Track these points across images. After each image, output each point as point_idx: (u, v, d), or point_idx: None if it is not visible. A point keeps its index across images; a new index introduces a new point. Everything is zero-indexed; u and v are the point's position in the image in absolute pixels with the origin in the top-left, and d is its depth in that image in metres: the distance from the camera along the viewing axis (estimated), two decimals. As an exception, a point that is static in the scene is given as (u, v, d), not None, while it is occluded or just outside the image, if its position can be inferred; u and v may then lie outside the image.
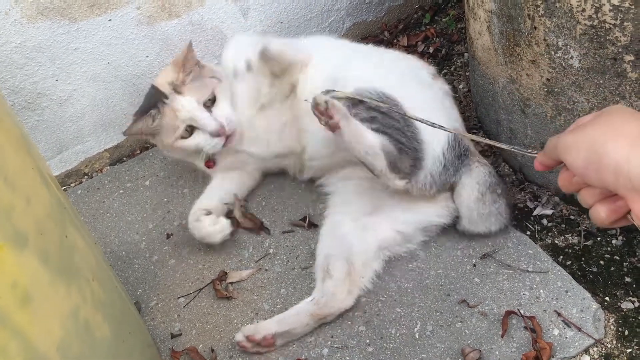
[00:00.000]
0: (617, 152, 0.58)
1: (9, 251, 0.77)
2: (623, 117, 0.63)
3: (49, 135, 1.82)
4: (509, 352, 1.25)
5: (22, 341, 0.80)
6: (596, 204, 0.66)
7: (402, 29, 2.21)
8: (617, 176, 0.58)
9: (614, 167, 0.58)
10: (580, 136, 0.64)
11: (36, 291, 0.82)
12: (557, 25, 1.20)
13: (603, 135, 0.61)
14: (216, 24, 1.89)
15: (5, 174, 0.78)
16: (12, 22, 1.58)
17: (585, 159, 0.62)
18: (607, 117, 0.65)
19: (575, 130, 0.67)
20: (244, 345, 1.33)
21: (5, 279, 0.77)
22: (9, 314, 0.77)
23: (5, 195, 0.78)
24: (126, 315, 1.19)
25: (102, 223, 1.74)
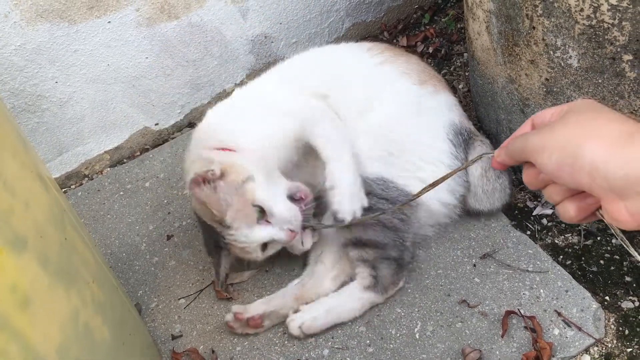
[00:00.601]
0: (594, 154, 0.57)
1: (8, 255, 0.77)
2: (595, 117, 0.62)
3: (49, 137, 1.82)
4: (509, 352, 1.25)
5: (22, 344, 0.80)
6: (565, 202, 0.65)
7: (402, 29, 2.21)
8: (593, 178, 0.57)
9: (590, 169, 0.57)
10: (550, 137, 0.63)
11: (36, 294, 0.82)
12: (555, 25, 1.20)
13: (577, 136, 0.60)
14: (216, 25, 1.89)
15: (4, 179, 0.79)
16: (11, 25, 1.59)
17: (558, 161, 0.61)
18: (577, 116, 0.64)
19: (544, 131, 0.65)
20: (231, 325, 1.37)
21: (4, 283, 0.77)
22: (8, 317, 0.77)
23: (5, 200, 0.78)
24: (126, 317, 1.19)
25: (102, 225, 1.75)
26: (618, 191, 0.55)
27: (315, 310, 1.34)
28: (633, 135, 0.56)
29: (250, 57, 2.02)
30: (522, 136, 0.69)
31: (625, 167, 0.54)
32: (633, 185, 0.54)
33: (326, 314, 1.34)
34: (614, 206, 0.57)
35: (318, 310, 1.34)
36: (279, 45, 2.05)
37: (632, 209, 0.55)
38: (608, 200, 0.57)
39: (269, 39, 2.01)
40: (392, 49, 1.66)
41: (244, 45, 1.98)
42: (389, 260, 1.35)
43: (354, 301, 1.36)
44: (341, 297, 1.36)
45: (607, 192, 0.57)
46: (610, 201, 0.57)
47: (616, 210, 0.56)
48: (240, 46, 1.98)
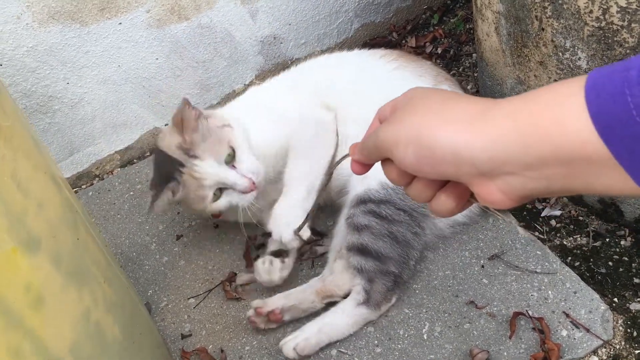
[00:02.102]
0: (452, 140, 0.52)
1: (22, 255, 0.79)
2: (444, 101, 0.57)
3: (61, 138, 1.84)
4: (517, 353, 1.26)
5: (36, 343, 0.81)
6: (439, 194, 0.60)
7: (411, 30, 2.21)
8: (459, 166, 0.53)
9: (453, 158, 0.53)
10: (401, 128, 0.57)
11: (49, 294, 0.84)
12: (564, 26, 1.20)
13: (430, 125, 0.55)
14: (225, 26, 1.90)
15: (18, 180, 0.80)
16: (23, 26, 1.60)
17: (415, 154, 0.55)
18: (424, 102, 0.58)
19: (393, 123, 0.59)
20: (253, 320, 1.37)
21: (19, 282, 0.78)
22: (22, 317, 0.79)
23: (19, 200, 0.79)
24: (136, 317, 1.20)
25: (112, 224, 1.76)
26: (487, 174, 0.52)
27: (309, 330, 1.32)
28: (490, 111, 0.52)
29: (259, 57, 2.03)
30: (374, 132, 0.62)
31: (488, 149, 0.50)
32: (500, 166, 0.50)
33: (318, 332, 1.32)
34: (486, 189, 0.53)
35: (311, 330, 1.32)
36: (288, 46, 2.05)
37: (504, 188, 0.52)
38: (478, 184, 0.53)
39: (278, 39, 2.02)
40: (405, 55, 1.67)
41: (253, 46, 1.99)
42: (387, 276, 1.33)
43: (347, 317, 1.33)
44: (335, 314, 1.34)
45: (476, 177, 0.53)
46: (480, 185, 0.53)
47: (489, 193, 0.53)
48: (249, 47, 1.99)
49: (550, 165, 0.48)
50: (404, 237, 1.35)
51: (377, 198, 1.35)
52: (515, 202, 0.54)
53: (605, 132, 0.44)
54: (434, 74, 1.56)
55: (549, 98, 0.48)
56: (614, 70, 0.45)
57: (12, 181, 0.79)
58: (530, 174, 0.50)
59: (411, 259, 1.36)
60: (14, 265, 0.78)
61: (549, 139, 0.47)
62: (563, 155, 0.47)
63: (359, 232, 1.34)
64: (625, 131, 0.43)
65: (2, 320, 0.76)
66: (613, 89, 0.44)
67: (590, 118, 0.45)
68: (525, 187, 0.51)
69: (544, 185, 0.50)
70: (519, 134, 0.49)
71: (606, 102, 0.44)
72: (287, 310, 1.38)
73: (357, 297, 1.33)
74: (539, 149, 0.48)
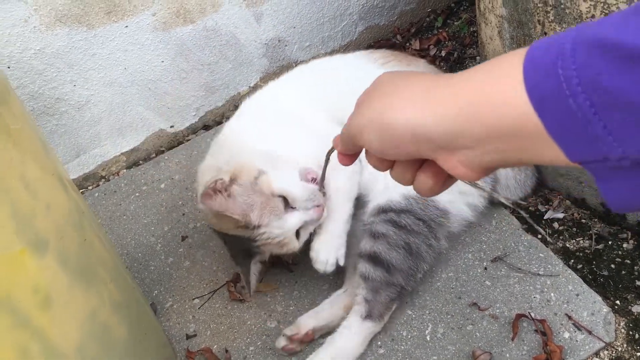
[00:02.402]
0: (407, 119, 0.53)
1: (30, 256, 0.80)
2: (397, 84, 0.58)
3: (67, 140, 1.86)
4: (520, 355, 1.26)
5: (43, 342, 0.83)
6: (419, 175, 0.61)
7: (414, 33, 2.22)
8: (418, 143, 0.54)
9: (411, 136, 0.54)
10: (363, 116, 0.59)
11: (56, 294, 0.85)
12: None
13: (383, 107, 0.56)
14: (230, 29, 1.91)
15: (26, 181, 0.81)
16: (31, 29, 1.62)
17: (378, 139, 0.57)
18: (381, 88, 0.60)
19: (357, 112, 0.61)
20: (290, 348, 1.35)
21: (27, 283, 0.80)
22: (30, 317, 0.80)
23: (27, 202, 0.81)
24: (142, 317, 1.22)
25: (118, 225, 1.78)
26: (445, 147, 0.52)
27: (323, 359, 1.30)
28: (436, 87, 0.53)
29: (264, 60, 2.04)
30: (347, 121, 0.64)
31: (441, 123, 0.51)
32: (455, 140, 0.51)
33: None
34: (449, 163, 0.54)
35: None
36: (292, 48, 2.07)
37: (465, 161, 0.53)
38: (442, 160, 0.54)
39: (283, 42, 2.03)
40: (397, 54, 1.65)
41: (258, 49, 2.01)
42: (392, 287, 1.31)
43: (356, 335, 1.31)
44: (343, 336, 1.31)
45: (437, 152, 0.54)
46: (444, 160, 0.54)
47: (452, 167, 0.54)
48: (254, 50, 2.00)
49: (497, 139, 0.49)
50: (418, 250, 1.34)
51: (399, 208, 1.35)
52: (480, 173, 0.54)
53: (538, 105, 0.45)
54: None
55: (494, 71, 0.49)
56: (550, 43, 0.45)
57: (20, 183, 0.80)
58: (483, 147, 0.50)
59: (419, 272, 1.35)
60: (23, 266, 0.79)
61: (493, 112, 0.48)
62: (506, 129, 0.47)
63: (374, 240, 1.34)
64: (557, 105, 0.43)
65: (10, 320, 0.77)
66: (547, 62, 0.44)
67: (526, 92, 0.45)
68: (482, 160, 0.52)
69: (500, 157, 0.51)
70: (466, 107, 0.50)
71: (540, 75, 0.44)
72: (319, 330, 1.37)
73: (360, 310, 1.31)
74: (484, 122, 0.48)
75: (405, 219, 1.34)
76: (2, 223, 0.75)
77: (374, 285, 1.31)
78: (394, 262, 1.31)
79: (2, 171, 0.76)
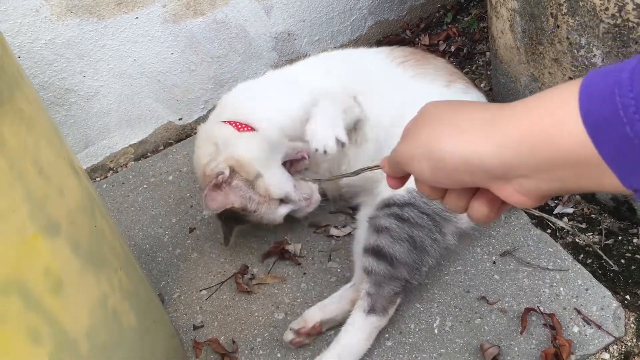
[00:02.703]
0: (461, 150, 0.54)
1: (43, 239, 0.80)
2: (454, 112, 0.58)
3: (76, 130, 1.86)
4: (528, 348, 1.26)
5: (54, 326, 0.83)
6: (473, 202, 0.61)
7: (424, 28, 2.22)
8: (472, 174, 0.54)
9: (465, 166, 0.54)
10: (413, 144, 0.59)
11: (67, 278, 0.85)
12: (580, 23, 1.20)
13: (439, 138, 0.56)
14: (240, 22, 1.91)
15: (40, 166, 0.81)
16: (42, 19, 1.63)
17: (430, 168, 0.57)
18: (426, 117, 0.60)
19: (408, 138, 0.61)
20: (297, 341, 1.34)
21: (39, 266, 0.80)
22: (42, 300, 0.80)
23: (41, 186, 0.81)
24: (151, 306, 1.22)
25: (126, 217, 1.78)
26: (501, 177, 0.53)
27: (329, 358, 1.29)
28: (495, 117, 0.53)
29: (273, 54, 2.04)
30: (393, 149, 0.64)
31: (498, 154, 0.51)
32: (511, 170, 0.51)
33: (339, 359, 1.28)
34: (505, 192, 0.54)
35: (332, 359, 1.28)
36: (301, 42, 2.07)
37: (521, 190, 0.53)
38: (497, 188, 0.54)
39: (292, 36, 2.03)
40: (416, 53, 1.66)
41: (267, 42, 2.01)
42: (396, 281, 1.30)
43: (361, 332, 1.30)
44: (348, 333, 1.30)
45: (492, 181, 0.54)
46: (499, 188, 0.54)
47: (508, 195, 0.54)
48: (263, 43, 2.00)
49: (558, 167, 0.49)
50: (422, 243, 1.33)
51: (402, 201, 1.35)
52: (536, 201, 0.54)
53: (593, 132, 0.45)
54: (447, 75, 1.56)
55: (550, 101, 0.49)
56: (608, 71, 0.45)
57: (34, 167, 0.80)
58: (541, 176, 0.50)
59: (424, 266, 1.34)
60: (35, 249, 0.80)
61: (551, 142, 0.48)
62: (566, 158, 0.47)
63: (377, 234, 1.33)
64: (612, 131, 0.43)
65: (22, 303, 0.78)
66: (604, 90, 0.44)
67: (580, 118, 0.45)
68: (539, 188, 0.52)
69: (558, 185, 0.51)
70: (523, 138, 0.49)
71: (596, 102, 0.44)
72: (325, 323, 1.37)
73: (363, 304, 1.30)
74: (543, 152, 0.48)
75: (408, 212, 1.33)
76: (16, 206, 0.75)
77: (377, 279, 1.30)
78: (398, 255, 1.30)
79: (17, 154, 0.76)
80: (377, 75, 1.57)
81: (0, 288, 0.73)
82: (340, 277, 1.49)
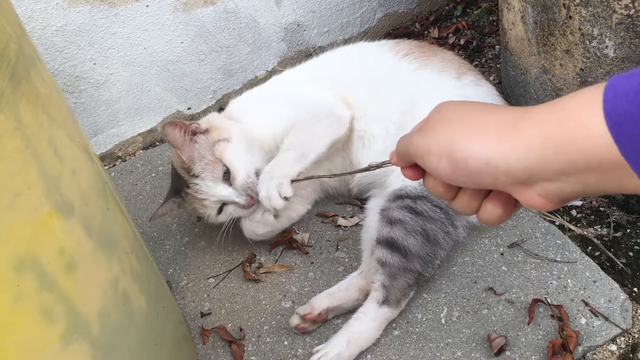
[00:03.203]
0: (487, 152, 0.54)
1: (57, 218, 0.81)
2: (475, 112, 0.58)
3: (86, 118, 1.87)
4: (535, 339, 1.26)
5: (67, 305, 0.83)
6: (485, 204, 0.61)
7: (433, 21, 2.21)
8: (496, 176, 0.54)
9: (489, 168, 0.54)
10: (433, 139, 0.59)
11: (81, 259, 0.86)
12: (592, 14, 1.20)
13: (462, 136, 0.56)
14: (250, 12, 1.91)
15: (55, 145, 0.82)
16: (53, 6, 1.63)
17: (449, 166, 0.57)
18: (457, 114, 0.60)
19: (426, 132, 0.61)
20: (302, 327, 1.35)
21: (53, 245, 0.80)
22: (56, 279, 0.81)
23: (55, 166, 0.81)
24: (160, 291, 1.22)
25: (135, 205, 1.79)
26: (524, 182, 0.53)
27: (338, 344, 1.28)
28: (518, 121, 0.53)
29: (282, 44, 2.04)
30: (405, 136, 0.65)
31: (522, 159, 0.52)
32: (536, 174, 0.52)
33: (348, 344, 1.28)
34: (525, 195, 0.54)
35: (340, 344, 1.28)
36: (311, 33, 2.07)
37: (543, 193, 0.53)
38: (517, 192, 0.55)
39: (302, 27, 2.03)
40: (421, 46, 1.65)
41: (277, 33, 2.01)
42: (410, 273, 1.31)
43: (372, 321, 1.30)
44: (359, 321, 1.31)
45: (514, 185, 0.54)
46: (519, 192, 0.55)
47: (529, 198, 0.54)
48: (273, 34, 2.00)
49: (582, 170, 0.49)
50: (435, 236, 1.33)
51: (414, 194, 1.35)
52: (557, 204, 0.55)
53: (615, 131, 0.45)
54: (456, 67, 1.55)
55: (573, 104, 0.49)
56: (633, 73, 0.45)
57: (49, 147, 0.81)
58: (565, 179, 0.51)
59: (437, 258, 1.35)
60: (49, 228, 0.80)
61: (576, 145, 0.48)
62: (590, 160, 0.48)
63: (391, 226, 1.34)
64: (634, 129, 0.44)
65: (36, 282, 0.78)
66: (629, 89, 0.44)
67: (604, 116, 0.45)
68: (562, 192, 0.52)
69: (581, 188, 0.51)
70: (548, 141, 0.50)
71: (620, 101, 0.45)
72: (332, 310, 1.37)
73: (377, 296, 1.31)
74: (568, 154, 0.49)
75: (422, 206, 1.33)
76: (31, 184, 0.76)
77: (391, 271, 1.31)
78: (411, 248, 1.30)
79: (33, 133, 0.77)
80: (381, 71, 1.58)
81: (16, 265, 0.74)
82: (347, 267, 1.49)
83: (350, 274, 1.42)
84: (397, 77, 1.55)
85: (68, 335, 0.84)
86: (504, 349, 1.25)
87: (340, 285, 1.40)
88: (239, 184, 1.43)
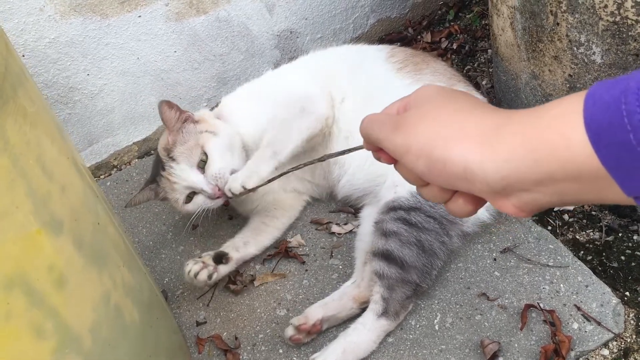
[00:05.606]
0: (466, 158, 0.53)
1: (46, 236, 0.81)
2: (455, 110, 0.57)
3: (80, 128, 1.87)
4: (528, 344, 1.27)
5: (57, 322, 0.84)
6: (457, 198, 0.59)
7: (426, 26, 2.22)
8: (472, 182, 0.53)
9: (466, 175, 0.53)
10: (411, 137, 0.58)
11: (71, 275, 0.86)
12: (579, 21, 1.21)
13: (441, 137, 0.55)
14: (242, 20, 1.92)
15: (43, 163, 0.83)
16: (46, 18, 1.64)
17: (426, 167, 0.56)
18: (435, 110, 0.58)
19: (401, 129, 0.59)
20: (297, 338, 1.35)
21: (42, 262, 0.81)
22: (45, 296, 0.81)
23: (43, 183, 0.82)
24: (154, 302, 1.23)
25: (130, 214, 1.79)
26: (500, 192, 0.52)
27: (334, 353, 1.29)
28: (500, 127, 0.52)
29: (275, 51, 2.05)
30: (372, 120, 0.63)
31: (501, 169, 0.50)
32: (513, 185, 0.51)
33: (344, 353, 1.28)
34: (499, 203, 0.54)
35: (336, 352, 1.28)
36: (304, 40, 2.07)
37: (518, 203, 0.52)
38: (492, 199, 0.54)
39: (295, 34, 2.04)
40: (416, 55, 1.66)
41: (270, 40, 2.02)
42: (408, 285, 1.32)
43: (370, 332, 1.31)
44: (357, 331, 1.31)
45: (490, 194, 0.53)
46: (494, 199, 0.54)
47: (502, 206, 0.54)
48: (266, 41, 2.01)
49: (560, 181, 0.48)
50: (431, 247, 1.34)
51: (407, 205, 1.36)
52: (530, 213, 0.54)
53: (595, 139, 0.45)
54: (446, 79, 1.56)
55: (555, 113, 0.48)
56: (616, 82, 0.45)
57: (37, 165, 0.81)
58: (542, 190, 0.50)
59: (434, 269, 1.35)
60: (38, 246, 0.81)
61: (556, 154, 0.47)
62: (571, 170, 0.47)
63: (386, 238, 1.34)
64: (615, 138, 0.43)
65: (26, 299, 0.79)
66: (609, 98, 0.44)
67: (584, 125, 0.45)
68: (538, 201, 0.52)
69: (556, 198, 0.51)
70: (528, 150, 0.49)
71: (600, 110, 0.44)
72: (327, 320, 1.37)
73: (376, 308, 1.31)
74: (547, 164, 0.48)
75: (415, 217, 1.34)
76: (19, 203, 0.77)
77: (389, 283, 1.31)
78: (407, 259, 1.31)
79: (20, 152, 0.77)
80: (374, 81, 1.59)
81: (4, 284, 0.74)
82: (341, 274, 1.50)
83: (344, 284, 1.43)
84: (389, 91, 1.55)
85: (59, 350, 0.85)
86: (497, 355, 1.25)
87: (333, 295, 1.41)
88: (211, 172, 1.45)
